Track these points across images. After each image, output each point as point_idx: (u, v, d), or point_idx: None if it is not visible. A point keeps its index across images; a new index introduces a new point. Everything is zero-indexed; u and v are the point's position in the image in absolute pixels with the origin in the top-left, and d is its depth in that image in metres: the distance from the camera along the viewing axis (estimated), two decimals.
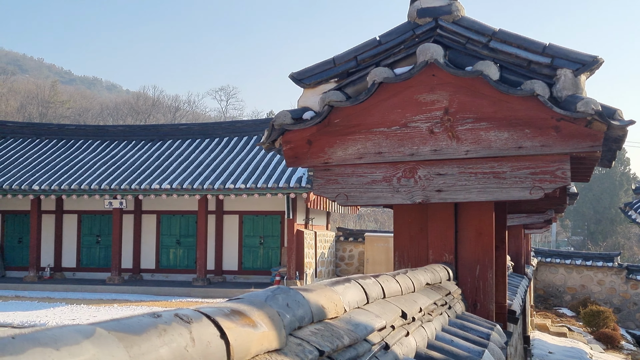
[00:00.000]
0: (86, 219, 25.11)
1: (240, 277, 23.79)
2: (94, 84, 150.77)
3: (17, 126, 28.18)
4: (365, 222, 61.16)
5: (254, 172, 21.99)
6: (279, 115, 4.05)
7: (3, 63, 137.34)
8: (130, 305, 17.72)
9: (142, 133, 26.76)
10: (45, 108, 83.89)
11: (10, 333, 0.71)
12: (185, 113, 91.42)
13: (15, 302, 18.06)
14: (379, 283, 2.24)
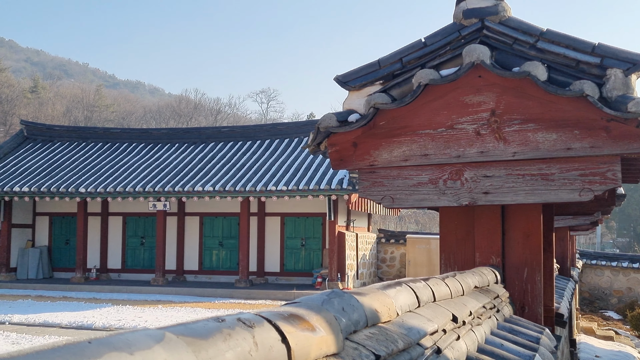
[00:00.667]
0: (131, 220, 25.50)
1: (282, 279, 23.89)
2: (137, 87, 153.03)
3: (64, 130, 28.76)
4: (406, 223, 60.86)
5: (295, 174, 22.07)
6: (325, 118, 4.06)
7: (49, 68, 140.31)
8: (174, 306, 17.93)
9: (185, 136, 27.08)
10: (90, 112, 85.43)
11: (86, 338, 0.73)
12: (226, 116, 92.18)
13: (63, 302, 18.42)
14: (429, 286, 2.23)
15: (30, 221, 26.03)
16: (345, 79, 4.18)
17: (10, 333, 12.78)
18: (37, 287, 22.19)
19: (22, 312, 15.81)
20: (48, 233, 26.07)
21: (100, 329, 13.72)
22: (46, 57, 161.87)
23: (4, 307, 16.72)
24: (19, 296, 19.69)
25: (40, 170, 24.49)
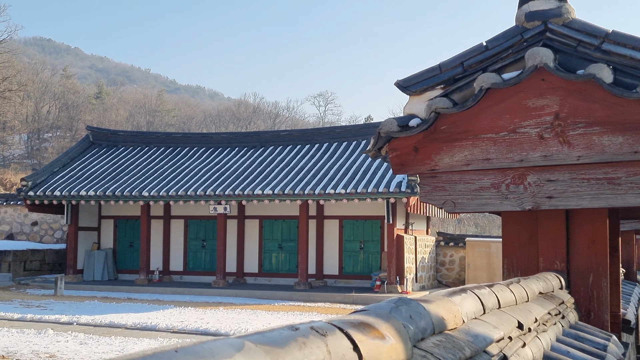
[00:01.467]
0: (192, 223, 25.94)
1: (341, 282, 23.92)
2: (197, 92, 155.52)
3: (128, 135, 29.47)
4: (465, 226, 60.15)
5: (353, 177, 22.09)
6: (385, 123, 4.08)
7: (113, 74, 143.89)
8: (235, 308, 18.15)
9: (244, 140, 27.40)
10: (152, 117, 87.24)
11: (172, 347, 0.77)
12: (284, 119, 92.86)
13: (127, 304, 18.86)
14: (494, 293, 2.23)
15: (96, 224, 26.75)
16: (406, 83, 4.19)
17: (78, 333, 13.16)
18: (102, 288, 22.77)
19: (89, 313, 16.26)
20: (113, 236, 26.75)
21: (164, 330, 14.00)
22: (110, 63, 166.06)
23: (71, 308, 17.22)
24: (85, 297, 20.25)
25: (105, 175, 25.15)
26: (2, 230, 29.48)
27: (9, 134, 77.04)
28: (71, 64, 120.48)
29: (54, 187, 24.26)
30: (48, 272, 26.44)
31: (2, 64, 59.02)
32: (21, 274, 25.09)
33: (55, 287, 20.93)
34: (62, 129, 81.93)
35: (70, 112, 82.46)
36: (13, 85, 61.44)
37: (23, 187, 24.46)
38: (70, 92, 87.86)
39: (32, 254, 25.96)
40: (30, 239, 29.18)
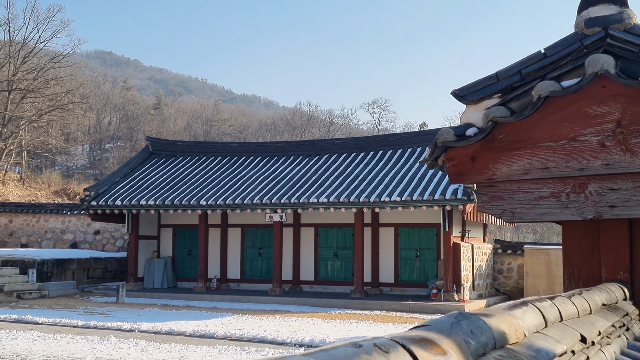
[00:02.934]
0: (249, 232, 26.19)
1: (397, 290, 23.79)
2: (253, 101, 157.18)
3: (186, 145, 29.98)
4: (523, 233, 59.13)
5: (409, 184, 21.97)
6: (442, 133, 4.07)
7: (171, 85, 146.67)
8: (291, 316, 18.23)
9: (299, 148, 27.57)
10: (209, 126, 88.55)
11: None
12: (339, 127, 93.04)
13: (186, 311, 19.15)
14: (556, 306, 2.20)
15: (155, 233, 27.26)
16: (463, 92, 4.17)
17: (140, 340, 13.42)
18: (162, 296, 23.16)
19: (149, 320, 16.56)
20: (172, 244, 27.21)
21: (222, 338, 14.16)
22: (168, 74, 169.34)
23: (133, 316, 17.58)
24: (146, 305, 20.63)
25: (164, 184, 25.62)
26: (66, 239, 30.31)
27: (72, 145, 79.23)
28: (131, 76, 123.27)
29: (115, 196, 24.84)
30: (110, 279, 27.05)
31: (65, 77, 60.78)
32: (84, 282, 25.74)
33: (117, 294, 21.40)
34: (122, 140, 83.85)
35: (130, 122, 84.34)
36: (76, 98, 63.20)
37: (86, 197, 25.12)
38: (130, 103, 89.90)
39: (95, 262, 26.61)
40: (93, 248, 29.92)
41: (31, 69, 58.46)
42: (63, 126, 70.94)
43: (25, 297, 21.00)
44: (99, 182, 27.26)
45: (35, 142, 63.33)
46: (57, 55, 60.36)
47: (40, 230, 30.66)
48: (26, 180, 61.89)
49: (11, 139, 58.57)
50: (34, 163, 73.82)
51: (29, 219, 30.95)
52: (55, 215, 30.72)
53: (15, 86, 56.42)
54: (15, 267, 22.50)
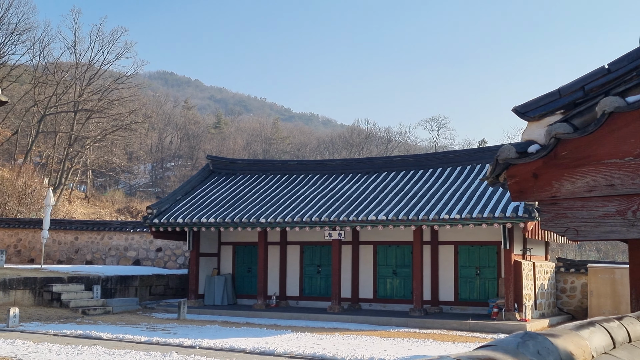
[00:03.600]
0: (307, 249, 26.29)
1: (457, 308, 23.49)
2: (311, 119, 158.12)
3: (245, 163, 30.36)
4: (586, 251, 57.67)
5: (468, 202, 21.74)
6: (503, 150, 4.04)
7: (231, 104, 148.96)
8: (350, 334, 18.18)
9: (358, 166, 27.60)
10: (268, 144, 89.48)
11: None
12: (397, 144, 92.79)
13: (246, 328, 19.29)
14: (624, 326, 2.16)
15: (215, 250, 27.62)
16: (524, 109, 4.14)
17: (201, 357, 13.59)
18: (222, 313, 23.39)
19: (210, 336, 16.75)
20: (232, 261, 27.51)
21: (282, 355, 14.22)
22: (228, 94, 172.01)
23: (193, 332, 17.81)
24: (206, 321, 20.87)
25: (224, 202, 25.97)
26: (129, 256, 30.99)
27: (135, 164, 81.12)
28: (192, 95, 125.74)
29: (176, 214, 25.29)
30: (171, 296, 27.49)
31: (129, 97, 62.42)
32: (147, 298, 26.22)
33: (179, 311, 21.72)
34: (183, 158, 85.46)
35: (191, 141, 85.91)
36: (139, 118, 64.79)
37: (149, 214, 25.65)
38: (191, 122, 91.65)
39: (157, 279, 27.10)
40: (155, 265, 30.50)
41: (96, 90, 60.27)
42: (126, 145, 72.76)
43: (90, 313, 21.50)
44: (161, 200, 27.80)
45: (99, 161, 65.12)
46: (120, 77, 62.09)
47: (104, 248, 31.42)
48: (91, 199, 63.62)
49: (77, 159, 60.35)
50: (99, 182, 75.83)
51: (94, 236, 31.76)
52: (119, 232, 31.45)
53: (81, 107, 58.20)
54: (80, 284, 23.09)
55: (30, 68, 58.16)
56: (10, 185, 41.12)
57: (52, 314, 20.32)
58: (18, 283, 20.98)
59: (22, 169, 47.96)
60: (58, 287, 21.97)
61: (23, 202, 40.61)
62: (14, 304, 20.19)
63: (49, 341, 15.16)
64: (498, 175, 4.18)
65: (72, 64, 60.34)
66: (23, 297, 21.08)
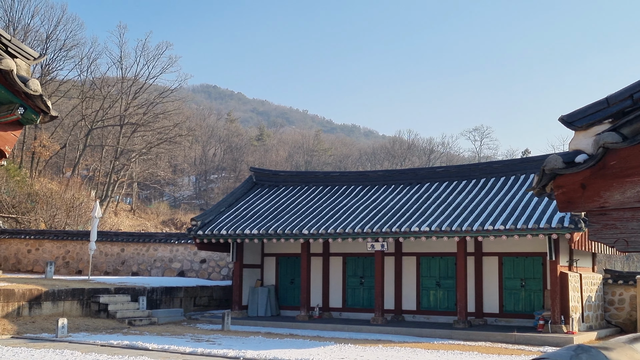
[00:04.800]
0: (350, 261, 26.26)
1: (502, 320, 23.19)
2: (353, 131, 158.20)
3: (288, 175, 30.51)
4: (634, 262, 56.35)
5: (512, 212, 21.49)
6: (550, 160, 4.01)
7: (273, 117, 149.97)
8: (394, 346, 18.09)
9: (400, 177, 27.51)
10: (310, 156, 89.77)
11: None
12: (439, 155, 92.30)
13: (290, 340, 19.33)
14: None
15: (259, 261, 27.77)
16: (571, 119, 4.10)
17: None
18: (266, 324, 23.49)
19: (254, 348, 16.83)
20: (275, 273, 27.62)
21: None
22: (270, 106, 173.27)
23: (238, 343, 17.92)
24: (250, 332, 20.99)
25: (267, 214, 26.12)
26: (174, 268, 31.35)
27: (179, 177, 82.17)
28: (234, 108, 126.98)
29: (220, 226, 25.52)
30: (215, 307, 27.70)
31: (173, 111, 63.36)
32: (191, 309, 26.47)
33: (223, 322, 21.88)
34: (226, 170, 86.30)
35: (234, 154, 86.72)
36: (183, 131, 65.68)
37: (193, 226, 25.94)
38: (233, 135, 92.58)
39: (201, 290, 27.36)
40: (199, 276, 30.80)
41: (141, 104, 61.32)
42: (171, 158, 73.76)
43: (136, 324, 21.79)
44: (205, 212, 28.09)
45: (144, 174, 66.14)
46: (165, 90, 63.09)
47: (149, 259, 31.85)
48: (136, 211, 64.62)
49: (123, 171, 61.39)
50: (144, 194, 76.97)
51: (139, 248, 32.22)
52: (164, 244, 31.86)
53: (127, 121, 59.26)
54: (127, 295, 23.44)
55: (78, 83, 59.49)
56: (59, 198, 42.02)
57: (99, 325, 20.66)
58: (66, 294, 21.40)
59: (70, 182, 49.01)
60: (105, 298, 22.34)
61: (71, 214, 41.46)
62: (62, 314, 20.59)
63: (96, 351, 15.42)
64: (545, 186, 4.15)
65: (118, 78, 61.52)
66: (71, 307, 21.48)
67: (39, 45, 52.72)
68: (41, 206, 40.67)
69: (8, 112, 23.04)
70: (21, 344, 16.13)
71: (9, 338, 17.46)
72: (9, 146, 22.22)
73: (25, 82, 9.34)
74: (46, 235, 33.78)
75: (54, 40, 55.32)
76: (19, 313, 19.79)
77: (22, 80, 9.10)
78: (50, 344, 16.31)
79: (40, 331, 18.55)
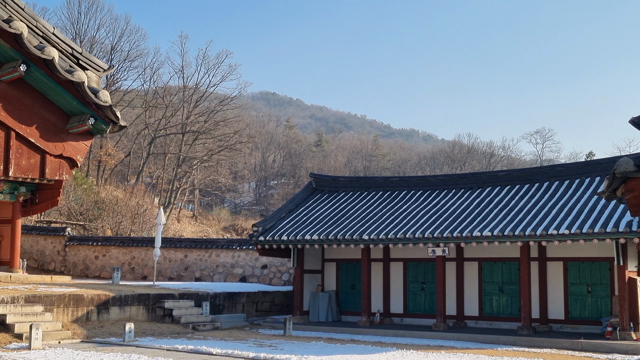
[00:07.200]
0: (411, 266, 26.12)
1: (567, 327, 22.71)
2: (411, 135, 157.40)
3: (347, 180, 30.56)
4: None
5: (578, 216, 21.03)
6: (621, 163, 3.96)
7: (331, 122, 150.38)
8: (456, 352, 17.91)
9: (460, 181, 27.25)
10: (369, 161, 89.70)
11: None
12: (500, 158, 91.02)
13: (351, 345, 19.33)
14: None
15: (319, 267, 27.88)
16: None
17: None
18: (327, 329, 23.54)
19: (316, 353, 16.89)
20: (335, 278, 27.68)
21: None
22: (328, 112, 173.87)
23: (300, 348, 18.02)
24: (312, 338, 21.07)
25: (327, 219, 26.21)
26: (236, 273, 31.76)
27: (240, 183, 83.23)
28: (293, 115, 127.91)
29: (281, 232, 25.74)
30: (277, 312, 27.92)
31: (233, 118, 64.28)
32: (253, 315, 26.75)
33: (284, 327, 22.04)
34: (286, 177, 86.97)
35: (293, 160, 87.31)
36: (243, 138, 66.57)
37: (254, 232, 26.24)
38: (292, 141, 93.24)
39: (263, 295, 27.62)
40: (260, 282, 31.11)
41: (202, 112, 62.41)
42: (231, 165, 74.77)
43: (200, 329, 22.15)
44: (265, 218, 28.37)
45: (206, 181, 67.22)
46: (225, 98, 64.07)
47: (212, 265, 32.34)
48: (198, 217, 65.70)
49: (185, 178, 62.52)
50: (205, 201, 78.19)
51: (202, 254, 32.75)
52: (226, 250, 32.31)
53: (188, 129, 60.39)
54: (190, 300, 23.85)
55: (141, 92, 60.99)
56: (124, 205, 43.11)
57: (164, 329, 21.08)
58: (133, 299, 21.91)
59: (134, 189, 50.22)
60: (170, 303, 22.78)
61: (136, 221, 42.46)
62: (129, 319, 21.09)
63: (162, 356, 15.74)
64: (615, 190, 4.10)
65: (180, 87, 62.81)
66: (137, 312, 21.98)
67: (104, 57, 54.26)
68: (107, 213, 41.80)
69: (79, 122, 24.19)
70: (90, 348, 16.59)
71: (79, 342, 17.98)
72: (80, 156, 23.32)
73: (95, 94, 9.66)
74: (112, 242, 34.68)
75: (118, 51, 56.88)
76: (87, 318, 20.36)
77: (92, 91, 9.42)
78: (118, 348, 16.73)
79: (108, 335, 19.04)
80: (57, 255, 34.83)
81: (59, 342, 17.58)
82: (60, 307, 19.66)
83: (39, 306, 18.99)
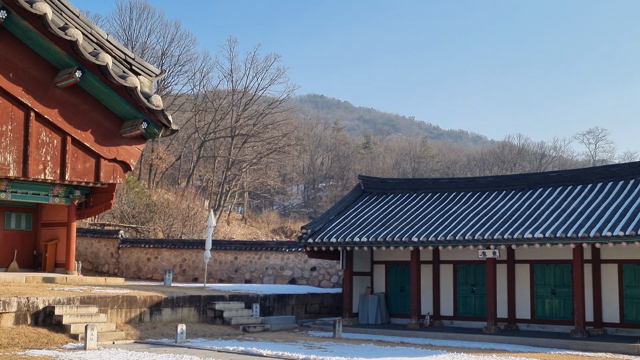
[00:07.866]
0: (461, 268, 25.90)
1: (623, 331, 22.21)
2: (460, 136, 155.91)
3: (396, 182, 30.46)
4: None
5: (633, 218, 20.56)
6: None
7: (379, 124, 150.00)
8: (508, 355, 17.70)
9: (511, 183, 26.90)
10: (417, 163, 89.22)
11: None
12: (551, 159, 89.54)
13: (401, 348, 19.27)
14: None
15: (368, 269, 27.85)
16: None
17: None
18: (376, 332, 23.51)
19: (366, 355, 16.90)
20: (384, 280, 27.61)
21: None
22: (376, 114, 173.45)
23: (349, 350, 18.05)
24: (361, 340, 21.08)
25: (376, 222, 26.17)
26: (285, 275, 31.96)
27: (288, 186, 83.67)
28: (341, 117, 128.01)
29: (330, 234, 25.80)
30: (326, 314, 27.99)
31: (282, 121, 64.70)
32: (303, 316, 26.87)
33: (334, 329, 22.09)
34: (334, 179, 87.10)
35: (341, 162, 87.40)
36: (291, 140, 66.92)
37: (303, 234, 26.37)
38: (340, 143, 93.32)
39: (312, 297, 27.73)
40: (309, 284, 31.24)
41: (251, 115, 62.98)
42: (280, 167, 75.25)
43: (250, 330, 22.35)
44: (314, 220, 28.47)
45: (255, 184, 67.75)
46: (274, 101, 64.55)
47: (261, 267, 32.61)
48: (247, 219, 66.30)
49: (234, 181, 63.16)
50: (254, 203, 78.83)
51: (252, 256, 33.05)
52: (275, 252, 32.54)
53: (238, 132, 60.98)
54: (240, 302, 24.08)
55: (191, 97, 61.90)
56: (175, 208, 43.80)
57: (215, 331, 21.33)
58: (184, 301, 22.24)
59: (185, 192, 50.98)
60: (220, 305, 23.04)
61: (187, 223, 43.10)
62: (180, 320, 21.40)
63: (213, 357, 15.94)
64: None
65: (229, 91, 63.52)
66: (189, 314, 22.30)
67: (155, 62, 55.26)
68: (159, 216, 42.54)
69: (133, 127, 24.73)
70: (143, 349, 16.90)
71: (132, 342, 18.33)
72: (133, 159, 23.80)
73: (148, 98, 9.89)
74: (164, 244, 35.26)
75: (168, 56, 57.81)
76: (140, 319, 20.75)
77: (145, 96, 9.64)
78: (170, 349, 17.00)
79: (160, 336, 19.37)
80: (111, 257, 35.59)
81: (113, 342, 17.95)
82: (114, 308, 20.08)
83: (94, 307, 19.43)
